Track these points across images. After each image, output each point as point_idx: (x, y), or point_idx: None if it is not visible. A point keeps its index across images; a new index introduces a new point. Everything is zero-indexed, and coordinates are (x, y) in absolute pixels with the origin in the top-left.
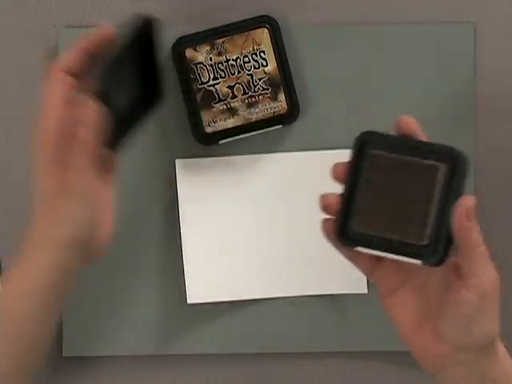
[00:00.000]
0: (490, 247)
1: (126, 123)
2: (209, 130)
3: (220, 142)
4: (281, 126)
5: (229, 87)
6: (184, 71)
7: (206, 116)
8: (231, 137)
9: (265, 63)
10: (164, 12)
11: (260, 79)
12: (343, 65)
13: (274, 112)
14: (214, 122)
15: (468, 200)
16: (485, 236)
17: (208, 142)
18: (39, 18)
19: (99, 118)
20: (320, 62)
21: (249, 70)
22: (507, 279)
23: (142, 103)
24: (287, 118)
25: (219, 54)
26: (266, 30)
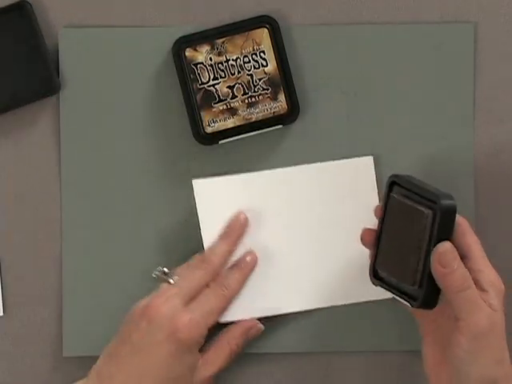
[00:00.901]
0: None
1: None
2: (209, 130)
3: (220, 142)
4: (281, 126)
5: (229, 87)
6: (184, 71)
7: (206, 116)
8: (231, 137)
9: (265, 63)
10: (164, 12)
11: (260, 79)
12: (343, 65)
13: (274, 112)
14: (214, 122)
15: (441, 246)
16: (485, 236)
17: (208, 142)
18: (39, 18)
19: None
20: (320, 61)
21: (249, 70)
22: (507, 279)
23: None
24: (287, 118)
25: (219, 54)
26: (266, 29)
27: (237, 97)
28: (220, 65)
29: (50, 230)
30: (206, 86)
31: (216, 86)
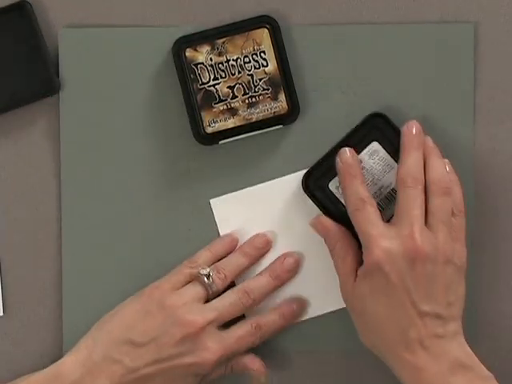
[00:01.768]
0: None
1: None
2: (209, 130)
3: (220, 142)
4: (281, 126)
5: (229, 87)
6: (184, 71)
7: (206, 116)
8: (231, 137)
9: (265, 63)
10: (164, 12)
11: (260, 79)
12: (343, 65)
13: (274, 112)
14: (214, 122)
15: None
16: (485, 235)
17: (208, 142)
18: (39, 18)
19: None
20: (320, 61)
21: (249, 70)
22: (507, 279)
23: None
24: (287, 118)
25: (219, 54)
26: (266, 29)
27: (237, 97)
28: (220, 65)
29: (49, 230)
30: (206, 86)
31: (216, 86)
